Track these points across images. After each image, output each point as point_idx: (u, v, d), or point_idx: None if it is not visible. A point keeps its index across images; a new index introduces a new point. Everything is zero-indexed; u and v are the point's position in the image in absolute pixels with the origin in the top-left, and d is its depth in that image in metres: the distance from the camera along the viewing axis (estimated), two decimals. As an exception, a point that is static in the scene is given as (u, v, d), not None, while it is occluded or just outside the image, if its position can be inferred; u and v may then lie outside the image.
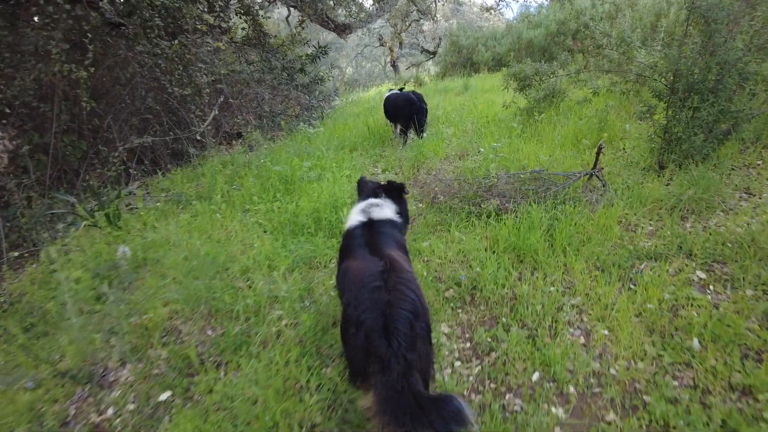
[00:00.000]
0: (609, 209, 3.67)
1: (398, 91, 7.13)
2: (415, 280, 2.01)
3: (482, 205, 3.89)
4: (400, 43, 30.31)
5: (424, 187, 4.65)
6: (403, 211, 2.75)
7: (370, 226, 2.41)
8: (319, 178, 4.92)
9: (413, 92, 6.63)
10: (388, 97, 6.99)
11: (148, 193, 6.39)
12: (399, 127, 6.89)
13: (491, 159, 4.78)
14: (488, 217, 3.74)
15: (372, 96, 16.70)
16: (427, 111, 6.51)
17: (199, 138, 7.33)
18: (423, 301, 1.93)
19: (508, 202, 3.91)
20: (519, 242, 3.32)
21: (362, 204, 2.62)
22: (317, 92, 9.56)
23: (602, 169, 4.42)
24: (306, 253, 3.52)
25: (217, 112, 7.88)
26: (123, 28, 6.44)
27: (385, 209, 2.59)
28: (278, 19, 14.32)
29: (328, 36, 24.26)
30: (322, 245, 3.63)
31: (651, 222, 3.67)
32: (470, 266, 3.28)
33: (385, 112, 7.14)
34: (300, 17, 9.53)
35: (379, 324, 1.71)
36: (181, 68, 6.18)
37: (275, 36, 10.40)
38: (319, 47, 10.11)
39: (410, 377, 1.61)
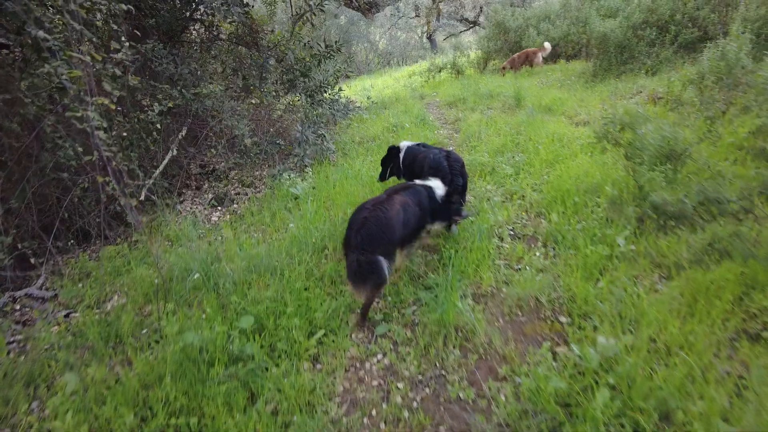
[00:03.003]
0: None
1: (418, 147, 4.41)
2: (392, 209, 3.03)
3: None
4: (438, 15, 26.63)
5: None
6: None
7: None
8: (260, 375, 2.52)
9: (448, 154, 3.96)
10: (407, 154, 4.33)
11: (55, 295, 4.22)
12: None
13: (594, 373, 2.21)
14: None
15: (401, 88, 13.80)
16: (466, 185, 3.87)
17: (142, 199, 5.01)
18: (390, 222, 2.95)
19: None
20: None
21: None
22: (319, 110, 6.92)
23: None
24: None
25: (175, 152, 5.51)
26: (6, 51, 4.06)
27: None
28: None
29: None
30: None
31: None
32: None
33: (398, 171, 4.50)
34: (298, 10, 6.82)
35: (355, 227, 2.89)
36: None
37: (272, 31, 7.76)
38: (327, 47, 7.40)
39: (361, 257, 2.75)
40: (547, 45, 11.12)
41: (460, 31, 28.19)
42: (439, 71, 14.65)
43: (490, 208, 4.21)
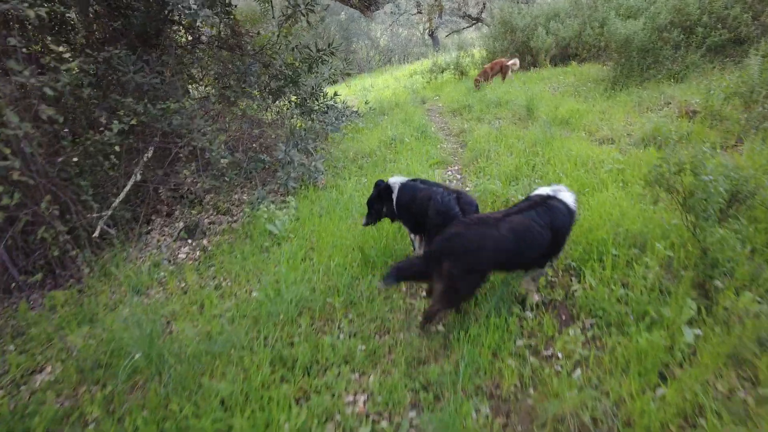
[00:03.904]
0: None
1: (415, 183, 3.57)
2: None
3: None
4: (440, 11, 25.63)
5: None
6: None
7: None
8: None
9: (459, 195, 3.16)
10: (403, 192, 3.51)
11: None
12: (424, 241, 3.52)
13: None
14: None
15: (402, 89, 12.92)
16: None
17: (98, 235, 4.22)
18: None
19: None
20: None
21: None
22: (309, 123, 6.10)
23: None
24: None
25: (138, 178, 4.70)
26: None
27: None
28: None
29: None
30: None
31: None
32: None
33: (392, 214, 3.64)
34: (284, 10, 5.98)
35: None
36: None
37: (258, 33, 6.92)
38: (318, 50, 6.55)
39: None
40: (516, 60, 10.92)
41: (463, 28, 27.18)
42: (442, 72, 13.76)
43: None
